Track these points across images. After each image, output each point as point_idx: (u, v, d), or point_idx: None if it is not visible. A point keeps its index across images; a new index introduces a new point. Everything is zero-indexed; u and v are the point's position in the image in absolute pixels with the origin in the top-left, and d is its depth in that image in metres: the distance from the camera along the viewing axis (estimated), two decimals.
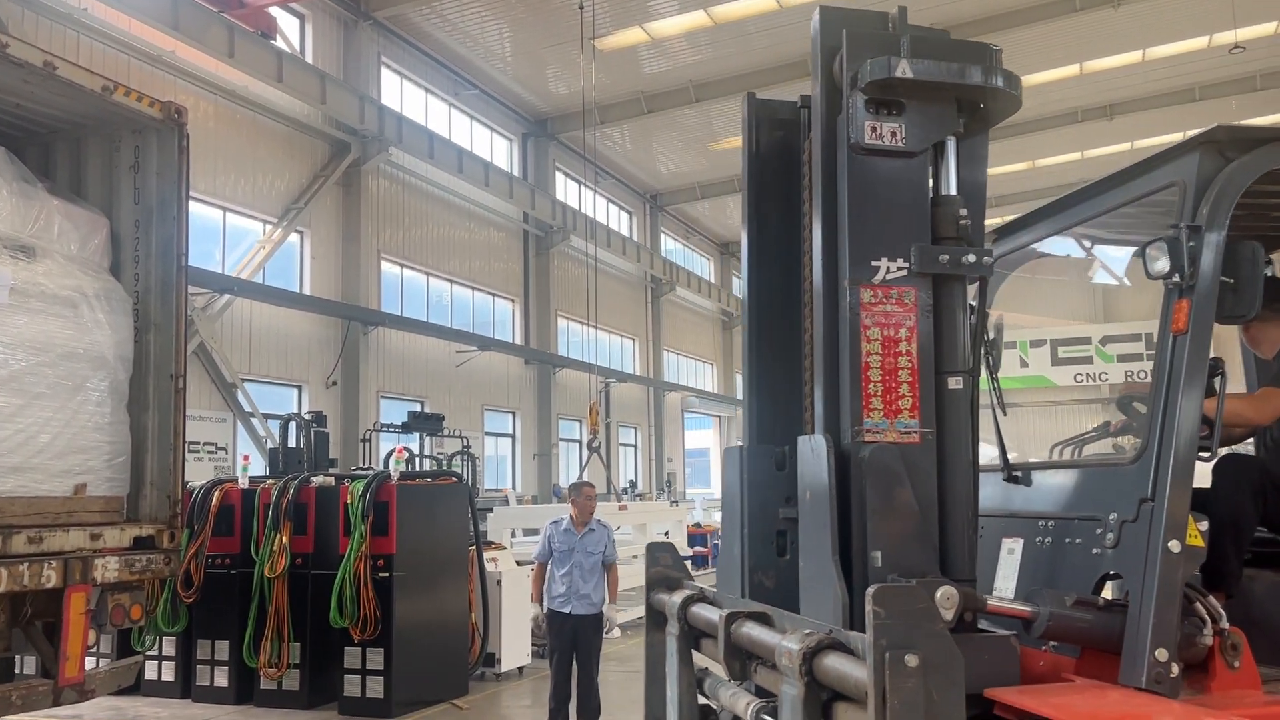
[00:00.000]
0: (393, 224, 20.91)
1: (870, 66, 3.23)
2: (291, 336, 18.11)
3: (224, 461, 16.22)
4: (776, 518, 3.70)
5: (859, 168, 3.27)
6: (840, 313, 3.26)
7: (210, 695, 9.04)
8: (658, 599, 3.98)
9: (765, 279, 3.97)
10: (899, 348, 3.21)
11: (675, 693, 3.70)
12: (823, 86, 3.44)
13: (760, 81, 23.95)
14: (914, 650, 2.45)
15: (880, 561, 3.00)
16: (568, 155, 27.38)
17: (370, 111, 19.12)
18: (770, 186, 3.99)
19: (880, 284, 3.22)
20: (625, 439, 30.97)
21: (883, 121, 3.26)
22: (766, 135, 4.01)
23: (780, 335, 3.90)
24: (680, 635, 3.67)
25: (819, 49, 3.44)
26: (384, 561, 8.55)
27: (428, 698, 8.82)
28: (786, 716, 2.80)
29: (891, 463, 3.07)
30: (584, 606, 7.53)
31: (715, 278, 38.03)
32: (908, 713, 2.42)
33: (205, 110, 16.53)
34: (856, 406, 3.17)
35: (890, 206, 3.28)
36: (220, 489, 9.42)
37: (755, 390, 3.93)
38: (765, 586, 3.68)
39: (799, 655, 2.70)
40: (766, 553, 3.71)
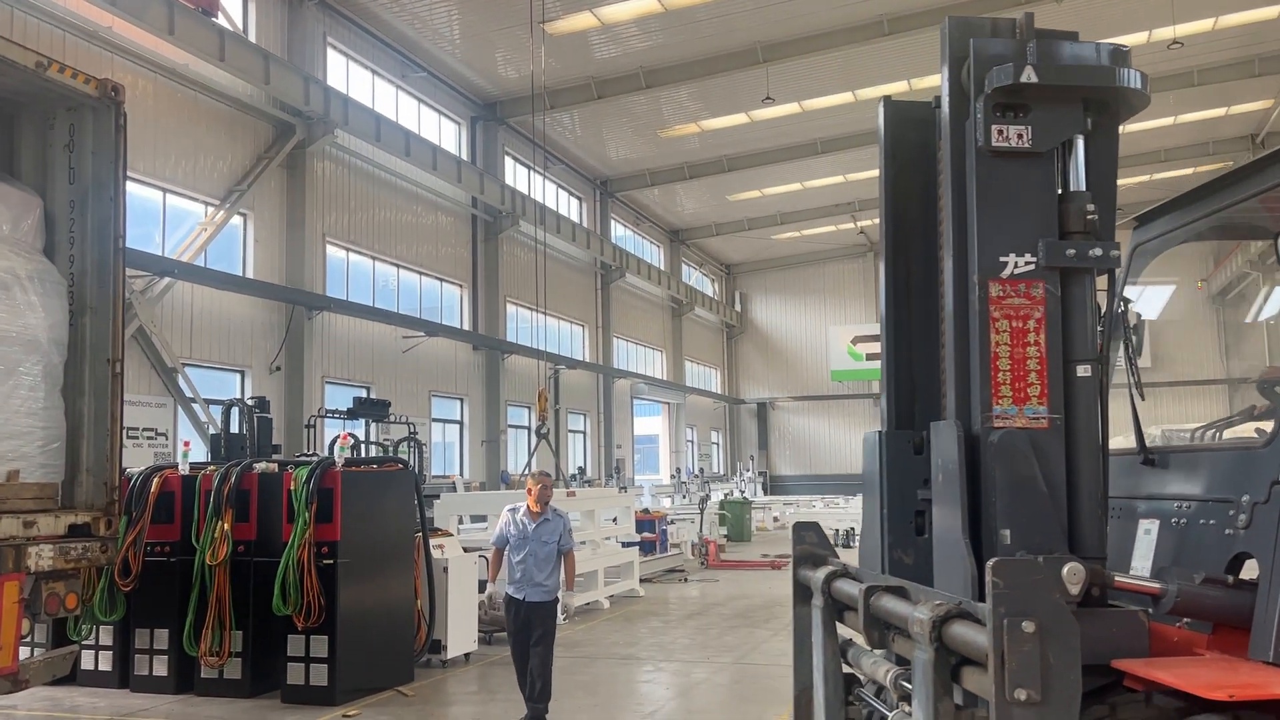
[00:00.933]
0: (338, 207, 20.62)
1: (995, 74, 3.41)
2: (234, 321, 17.80)
3: (164, 448, 15.92)
4: (915, 499, 3.93)
5: (986, 169, 3.46)
6: (970, 306, 3.46)
7: (149, 685, 8.88)
8: (804, 575, 4.19)
9: (902, 272, 4.18)
10: (1027, 338, 3.41)
11: (821, 661, 3.92)
12: (950, 92, 3.64)
13: (711, 70, 24.05)
14: (1031, 617, 2.63)
15: (1009, 539, 3.22)
16: (517, 140, 27.20)
17: (315, 93, 18.82)
18: (906, 184, 4.21)
19: (1008, 278, 3.42)
20: (574, 425, 30.95)
21: (1009, 125, 3.44)
22: (901, 135, 4.21)
23: (917, 325, 4.11)
24: (824, 608, 3.89)
25: (947, 57, 3.65)
26: (328, 548, 8.46)
27: (373, 685, 8.75)
28: (918, 679, 3.00)
29: (1020, 446, 3.28)
30: (538, 594, 7.56)
31: (665, 265, 38.10)
32: (1024, 674, 2.60)
33: (144, 89, 16.14)
34: (986, 394, 3.38)
35: (1017, 204, 3.46)
36: (160, 475, 9.25)
37: (893, 378, 4.19)
38: (904, 563, 3.91)
39: (929, 623, 2.91)
40: (905, 531, 3.96)
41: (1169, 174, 36.03)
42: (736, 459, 43.28)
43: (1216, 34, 24.54)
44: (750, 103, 26.22)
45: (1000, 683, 2.62)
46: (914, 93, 26.75)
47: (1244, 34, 24.78)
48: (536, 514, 7.72)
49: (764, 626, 12.24)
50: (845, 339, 42.62)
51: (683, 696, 8.92)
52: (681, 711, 8.33)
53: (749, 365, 45.25)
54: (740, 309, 45.16)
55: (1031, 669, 2.61)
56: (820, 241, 41.21)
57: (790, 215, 37.49)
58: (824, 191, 35.13)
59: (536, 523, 7.67)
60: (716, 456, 43.32)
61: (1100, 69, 3.47)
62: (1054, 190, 3.53)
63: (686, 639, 11.61)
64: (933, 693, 2.93)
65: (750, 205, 36.45)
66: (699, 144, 29.82)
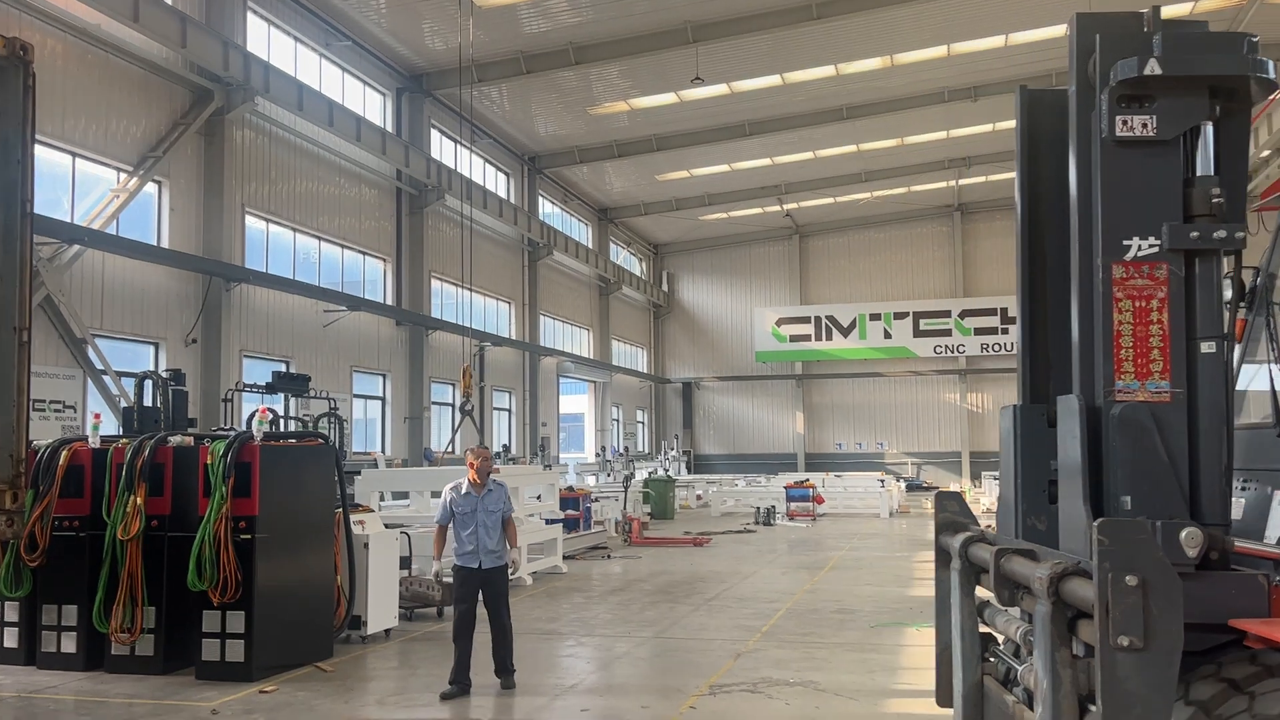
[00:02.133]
0: (258, 177, 20.13)
1: (1120, 67, 3.57)
2: (148, 291, 17.30)
3: (73, 420, 15.44)
4: (1048, 469, 4.14)
5: (1111, 157, 3.63)
6: (1094, 287, 3.65)
7: (57, 662, 8.66)
8: (944, 541, 4.43)
9: (1035, 252, 4.35)
10: (1150, 317, 3.60)
11: (959, 620, 4.20)
12: (1077, 84, 3.80)
13: (641, 48, 24.00)
14: (1134, 572, 2.88)
15: (1130, 505, 3.45)
16: (444, 113, 26.83)
17: (235, 58, 18.31)
18: (1039, 168, 4.36)
19: (1132, 260, 3.61)
20: (500, 403, 30.81)
21: (1133, 115, 3.61)
22: (1035, 122, 4.37)
23: (1050, 304, 4.29)
24: (962, 571, 4.17)
25: (1074, 51, 3.80)
26: (246, 523, 8.32)
27: (291, 661, 8.66)
28: (1038, 630, 3.25)
29: (1141, 418, 3.51)
30: (492, 560, 8.03)
31: (593, 243, 38.02)
32: (1127, 623, 2.86)
33: (53, 49, 15.53)
34: (1109, 369, 3.59)
35: (1141, 190, 3.63)
36: (68, 448, 8.99)
37: (1028, 355, 4.39)
38: (1037, 529, 4.14)
39: (1047, 579, 3.18)
40: (1038, 499, 4.18)
41: None
42: (661, 438, 43.56)
43: None
44: (680, 82, 26.26)
45: (1105, 630, 2.88)
46: (842, 78, 27.11)
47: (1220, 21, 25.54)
48: (480, 487, 8.13)
49: (685, 602, 12.40)
50: (770, 320, 43.12)
51: (603, 670, 9.01)
52: (602, 684, 8.42)
53: (675, 345, 45.51)
54: (667, 289, 45.34)
55: (1134, 618, 2.87)
56: (747, 223, 41.56)
57: (718, 196, 37.71)
58: (752, 174, 35.40)
59: (481, 495, 8.11)
60: (642, 435, 43.54)
61: (1225, 59, 3.60)
62: (1179, 175, 3.69)
63: (608, 614, 11.71)
64: (1050, 643, 3.18)
65: (679, 185, 36.56)
66: (628, 122, 29.78)
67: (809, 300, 43.19)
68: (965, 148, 34.03)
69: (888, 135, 32.29)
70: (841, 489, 29.32)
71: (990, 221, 41.54)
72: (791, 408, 43.51)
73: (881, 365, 42.30)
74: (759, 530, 22.78)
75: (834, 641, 9.78)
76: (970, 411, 41.31)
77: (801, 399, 43.36)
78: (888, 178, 36.75)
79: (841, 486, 29.74)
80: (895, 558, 17.33)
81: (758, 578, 14.68)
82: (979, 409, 41.27)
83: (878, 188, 37.98)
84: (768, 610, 11.64)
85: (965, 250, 41.58)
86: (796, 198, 38.49)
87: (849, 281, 42.88)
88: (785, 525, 24.14)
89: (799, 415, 43.24)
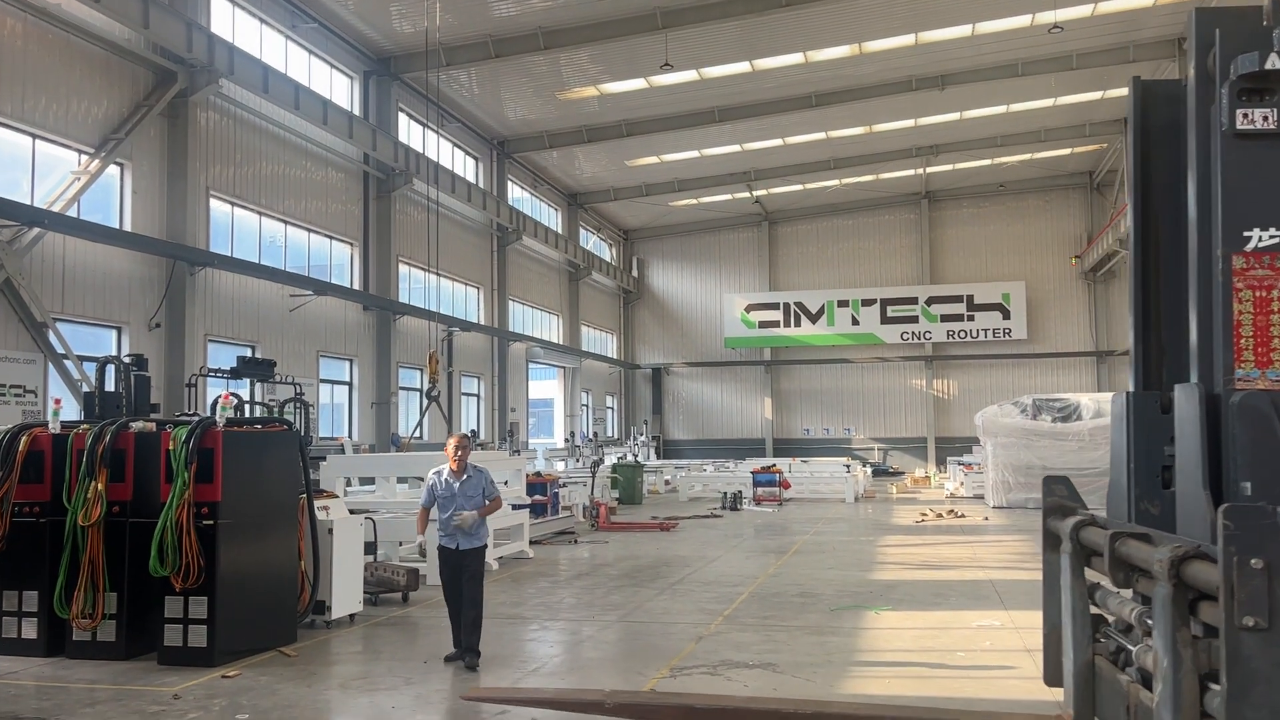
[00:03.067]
0: (223, 160, 19.93)
1: (1241, 61, 3.61)
2: (111, 275, 17.12)
3: (33, 405, 15.30)
4: (1161, 454, 4.23)
5: (1231, 150, 3.67)
6: (1214, 277, 3.71)
7: (18, 648, 8.63)
8: (1053, 524, 4.50)
9: (1150, 240, 4.45)
10: (1270, 306, 3.67)
11: (1070, 601, 4.25)
12: (1196, 78, 3.86)
13: (610, 33, 23.96)
14: (1260, 555, 2.96)
15: (1250, 490, 3.52)
16: (412, 97, 26.65)
17: (199, 39, 18.10)
18: (1153, 157, 4.47)
19: (1252, 251, 3.66)
20: (468, 388, 30.75)
21: (1254, 108, 3.66)
22: (1150, 112, 4.46)
23: (1165, 292, 4.39)
24: (1073, 553, 4.22)
25: (1194, 45, 3.86)
26: (208, 509, 8.32)
27: (254, 646, 8.68)
28: (1159, 612, 3.33)
29: (1261, 406, 3.57)
30: (468, 542, 8.47)
31: (562, 228, 37.96)
32: (1253, 604, 2.95)
33: (12, 28, 15.31)
34: (1228, 358, 3.66)
35: (1262, 182, 3.68)
36: (28, 434, 8.94)
37: (1140, 342, 4.39)
38: (1150, 513, 4.22)
39: (1169, 562, 3.25)
40: (1152, 484, 4.26)
41: (1048, 154, 37.55)
42: (631, 423, 43.67)
43: (1095, 19, 25.56)
44: (649, 68, 26.25)
45: (1230, 611, 2.97)
46: (810, 65, 27.20)
47: (1121, 20, 25.87)
48: (459, 472, 8.58)
49: (649, 586, 12.53)
50: (739, 306, 43.29)
51: (568, 653, 9.11)
52: (565, 667, 8.52)
53: (645, 331, 45.58)
54: (637, 275, 45.37)
55: (1259, 600, 2.96)
56: (716, 210, 41.66)
57: (688, 182, 37.76)
58: (721, 160, 35.47)
59: (460, 480, 8.56)
60: (611, 421, 43.63)
61: None
62: None
63: (573, 598, 11.80)
64: (1171, 624, 3.27)
65: (649, 171, 36.57)
66: (598, 107, 29.73)
67: (778, 286, 43.40)
68: (933, 136, 34.27)
69: (856, 123, 32.45)
70: (808, 474, 29.57)
71: (957, 209, 41.92)
72: (760, 393, 43.75)
73: (849, 351, 42.62)
74: (725, 515, 22.97)
75: (794, 625, 9.93)
76: (936, 397, 41.74)
77: (770, 385, 43.61)
78: (856, 165, 36.95)
79: (808, 472, 30.00)
80: (859, 542, 17.56)
81: (722, 562, 14.83)
82: (945, 395, 41.71)
83: (846, 175, 38.18)
84: (730, 594, 11.78)
85: (932, 238, 41.92)
86: (766, 184, 38.62)
87: (817, 268, 43.12)
88: (752, 510, 24.34)
89: (767, 401, 43.50)
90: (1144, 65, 28.55)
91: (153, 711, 6.95)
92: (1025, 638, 9.12)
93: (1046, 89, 30.12)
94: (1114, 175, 37.52)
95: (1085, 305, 40.72)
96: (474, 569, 8.46)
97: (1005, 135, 34.43)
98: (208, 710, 6.98)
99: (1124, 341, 37.43)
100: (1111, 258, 36.82)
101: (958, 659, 8.44)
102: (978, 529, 19.72)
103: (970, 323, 40.82)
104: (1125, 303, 24.15)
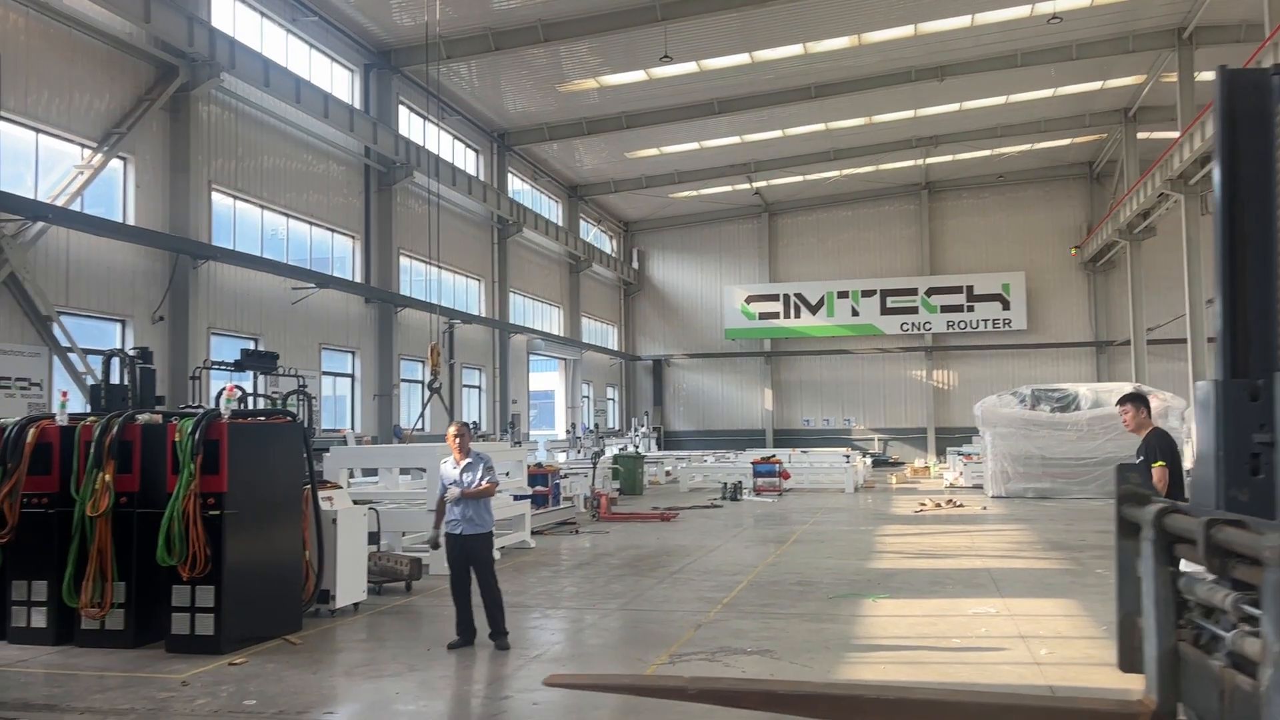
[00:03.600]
0: (225, 153, 20.03)
1: None
2: (114, 269, 17.24)
3: (38, 398, 15.42)
4: (1250, 442, 4.25)
5: None
6: None
7: (27, 636, 8.78)
8: (1128, 512, 4.56)
9: (1236, 228, 4.44)
10: None
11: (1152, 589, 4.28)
12: None
13: (610, 25, 24.02)
14: None
15: None
16: (412, 89, 26.72)
17: (200, 34, 18.18)
18: (1239, 145, 4.45)
19: None
20: (470, 380, 30.88)
21: None
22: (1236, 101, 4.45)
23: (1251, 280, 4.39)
24: (1155, 541, 4.26)
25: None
26: (214, 500, 8.46)
27: (260, 634, 8.82)
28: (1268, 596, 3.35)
29: None
30: (473, 528, 8.68)
31: (563, 221, 38.04)
32: None
33: (14, 23, 15.39)
34: None
35: None
36: (36, 426, 9.07)
37: (1228, 329, 4.46)
38: (1240, 500, 4.24)
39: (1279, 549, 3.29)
40: (1241, 472, 4.27)
41: (1048, 144, 37.56)
42: (632, 415, 43.80)
43: (1094, 10, 25.59)
44: (649, 60, 26.31)
45: None
46: (810, 57, 27.22)
47: (1120, 10, 25.90)
48: (461, 459, 8.84)
49: (650, 575, 12.66)
50: (739, 298, 43.38)
51: (569, 640, 9.24)
52: (567, 653, 8.65)
53: (646, 322, 45.69)
54: (638, 266, 45.46)
55: None
56: (717, 201, 41.71)
57: (688, 174, 37.82)
58: (721, 151, 35.52)
59: (462, 467, 8.80)
60: (612, 412, 43.77)
61: None
62: None
63: (575, 587, 11.94)
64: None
65: (649, 163, 36.62)
66: (598, 99, 29.79)
67: (778, 278, 43.48)
68: (932, 127, 34.32)
69: (856, 114, 32.50)
70: (808, 464, 29.71)
71: (957, 200, 41.96)
72: (760, 384, 43.86)
73: (849, 342, 42.72)
74: (726, 506, 23.10)
75: (792, 612, 10.06)
76: (936, 388, 41.84)
77: (770, 376, 43.72)
78: (856, 156, 37.00)
79: (808, 462, 30.14)
80: (858, 532, 17.69)
81: (722, 552, 14.97)
82: (945, 386, 41.82)
83: (846, 166, 38.24)
84: (730, 583, 11.92)
85: (932, 228, 41.98)
86: (766, 176, 38.68)
87: (818, 259, 43.19)
88: (752, 500, 24.48)
89: (767, 392, 43.62)
90: (1144, 55, 28.63)
91: (162, 698, 7.09)
92: (1020, 624, 9.25)
93: (1046, 79, 30.16)
94: (1114, 165, 37.55)
95: (1085, 296, 40.80)
96: (479, 554, 8.68)
97: (1005, 126, 34.46)
98: (215, 696, 7.11)
99: (1124, 332, 37.52)
100: (1111, 248, 36.88)
101: (953, 644, 8.57)
102: (976, 518, 19.85)
103: (970, 313, 40.88)
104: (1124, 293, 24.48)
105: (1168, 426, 23.07)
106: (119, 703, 6.98)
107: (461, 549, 8.67)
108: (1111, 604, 4.51)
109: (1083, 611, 9.92)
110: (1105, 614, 9.53)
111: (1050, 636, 8.80)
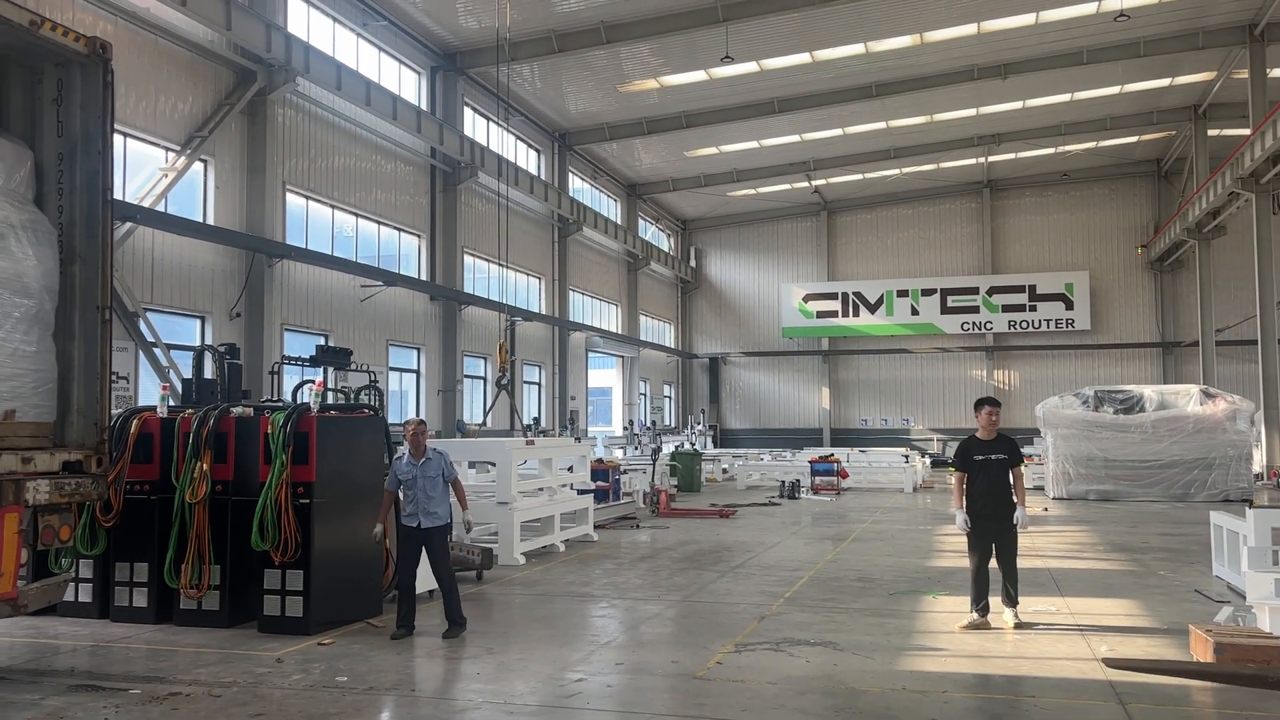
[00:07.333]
0: (298, 155, 20.71)
1: None
2: (195, 267, 17.96)
3: (125, 391, 16.14)
4: None
5: None
6: None
7: (129, 615, 9.33)
8: None
9: None
10: None
11: None
12: None
13: (671, 26, 24.30)
14: None
15: None
16: (476, 91, 27.27)
17: (277, 40, 18.84)
18: None
19: None
20: (529, 377, 31.41)
21: None
22: None
23: None
24: None
25: None
26: (304, 489, 8.91)
27: (344, 617, 9.27)
28: None
29: None
30: (430, 520, 8.91)
31: (622, 219, 38.42)
32: None
33: (105, 30, 16.09)
34: None
35: None
36: (139, 417, 9.61)
37: None
38: None
39: None
40: None
41: (1113, 141, 37.03)
42: (688, 412, 44.06)
43: (1162, 6, 25.27)
44: (709, 60, 26.53)
45: None
46: (871, 56, 27.20)
47: (1189, 7, 25.53)
48: (419, 455, 9.02)
49: (711, 569, 12.93)
50: (797, 296, 43.40)
51: (634, 629, 9.55)
52: (632, 642, 8.96)
53: (702, 320, 45.90)
54: (695, 264, 45.68)
55: None
56: (775, 200, 41.78)
57: (746, 173, 37.96)
58: (780, 150, 35.61)
59: (420, 464, 8.99)
60: (669, 409, 44.06)
61: None
62: None
63: (638, 579, 12.26)
64: None
65: (707, 162, 36.83)
66: (658, 99, 30.09)
67: (836, 276, 43.41)
68: (995, 125, 34.06)
69: (917, 112, 32.39)
70: (866, 464, 29.72)
71: (1020, 198, 41.54)
72: (817, 383, 43.84)
73: (908, 341, 42.52)
74: (783, 503, 23.27)
75: (853, 607, 10.27)
76: (997, 388, 41.46)
77: (827, 374, 43.68)
78: (916, 154, 36.83)
79: (866, 461, 30.14)
80: (916, 531, 17.78)
81: (781, 548, 15.18)
82: (1006, 386, 41.42)
83: (906, 164, 38.07)
84: (790, 578, 12.14)
85: (994, 227, 41.61)
86: (825, 174, 38.66)
87: (876, 258, 43.04)
88: (809, 499, 24.61)
89: (824, 391, 43.58)
90: (1214, 53, 28.15)
91: (260, 672, 7.55)
92: (1080, 622, 9.36)
93: (1112, 76, 29.81)
94: (1182, 163, 36.92)
95: (1151, 296, 40.15)
96: (436, 545, 8.94)
97: (1069, 123, 34.08)
98: (309, 673, 7.55)
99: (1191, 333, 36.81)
100: (1179, 247, 36.26)
101: (1013, 640, 8.73)
102: (1037, 520, 19.78)
103: (1032, 313, 40.48)
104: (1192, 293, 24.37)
105: (1236, 430, 22.79)
106: (222, 676, 7.45)
107: (420, 540, 8.89)
108: (1174, 605, 4.70)
109: (1144, 611, 9.99)
110: (1167, 614, 9.60)
111: (1111, 633, 8.91)
